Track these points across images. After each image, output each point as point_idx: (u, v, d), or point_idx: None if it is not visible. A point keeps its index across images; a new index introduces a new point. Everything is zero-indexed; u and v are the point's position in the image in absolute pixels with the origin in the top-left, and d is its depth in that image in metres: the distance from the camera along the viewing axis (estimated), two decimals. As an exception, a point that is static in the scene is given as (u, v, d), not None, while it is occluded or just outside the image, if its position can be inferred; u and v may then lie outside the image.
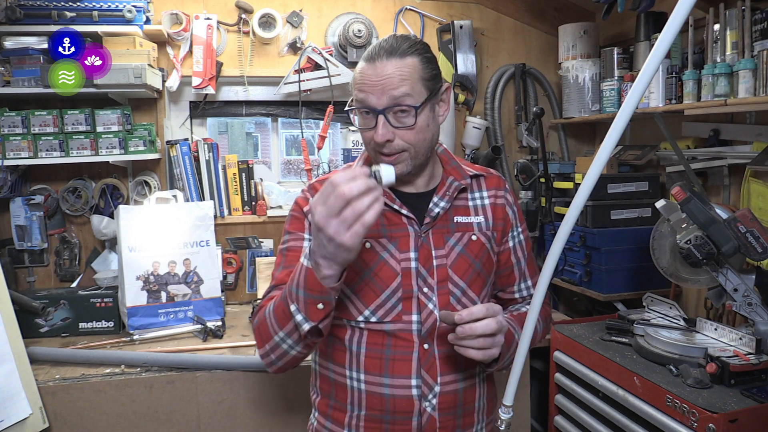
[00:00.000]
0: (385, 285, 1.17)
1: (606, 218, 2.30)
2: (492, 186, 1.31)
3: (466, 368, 1.23)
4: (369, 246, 1.19)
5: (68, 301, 2.18)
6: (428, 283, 1.19)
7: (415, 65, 1.13)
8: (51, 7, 2.20)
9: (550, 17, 2.82)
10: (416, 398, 1.17)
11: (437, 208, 1.22)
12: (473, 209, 1.28)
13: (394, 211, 1.21)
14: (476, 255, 1.24)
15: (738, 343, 1.64)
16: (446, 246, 1.22)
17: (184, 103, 2.64)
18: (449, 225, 1.24)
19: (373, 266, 1.18)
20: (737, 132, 2.03)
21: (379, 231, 1.20)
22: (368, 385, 1.19)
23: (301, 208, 1.25)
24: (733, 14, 1.78)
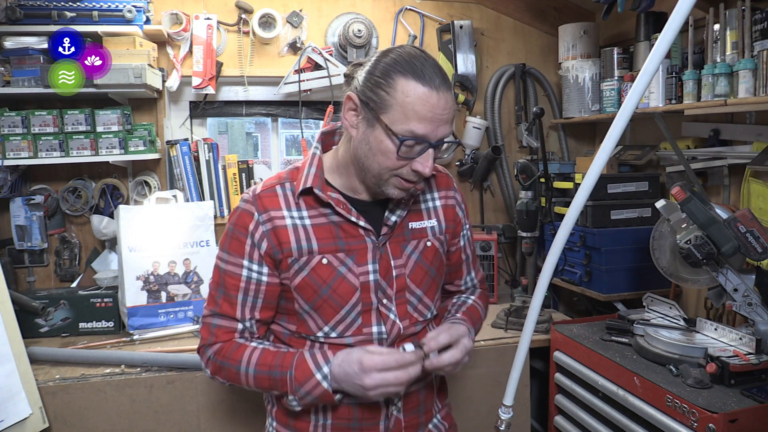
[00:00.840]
0: (344, 301, 1.15)
1: (606, 218, 2.30)
2: (442, 186, 1.30)
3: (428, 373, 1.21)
4: (326, 262, 1.14)
5: (68, 301, 2.18)
6: (387, 294, 1.18)
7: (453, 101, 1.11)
8: (51, 7, 2.20)
9: (550, 17, 2.82)
10: (382, 404, 1.19)
11: (394, 217, 1.19)
12: (426, 212, 1.26)
13: (351, 223, 1.16)
14: (431, 261, 1.24)
15: (738, 343, 1.64)
16: (403, 255, 1.20)
17: (184, 103, 2.64)
18: (405, 232, 1.21)
19: (331, 282, 1.14)
20: (737, 132, 2.03)
21: (335, 244, 1.15)
22: None
23: (246, 225, 1.15)
24: (733, 14, 1.78)
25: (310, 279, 1.14)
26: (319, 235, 1.15)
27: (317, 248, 1.14)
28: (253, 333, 1.19)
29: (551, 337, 2.08)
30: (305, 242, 1.14)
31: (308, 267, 1.14)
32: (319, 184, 1.15)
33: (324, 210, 1.16)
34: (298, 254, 1.14)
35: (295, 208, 1.16)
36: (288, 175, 1.20)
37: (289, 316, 1.19)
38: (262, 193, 1.17)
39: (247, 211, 1.16)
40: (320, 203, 1.16)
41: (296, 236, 1.14)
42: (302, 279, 1.14)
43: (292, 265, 1.14)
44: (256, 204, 1.15)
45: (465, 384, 2.05)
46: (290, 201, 1.16)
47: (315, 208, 1.16)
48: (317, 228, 1.15)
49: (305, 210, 1.16)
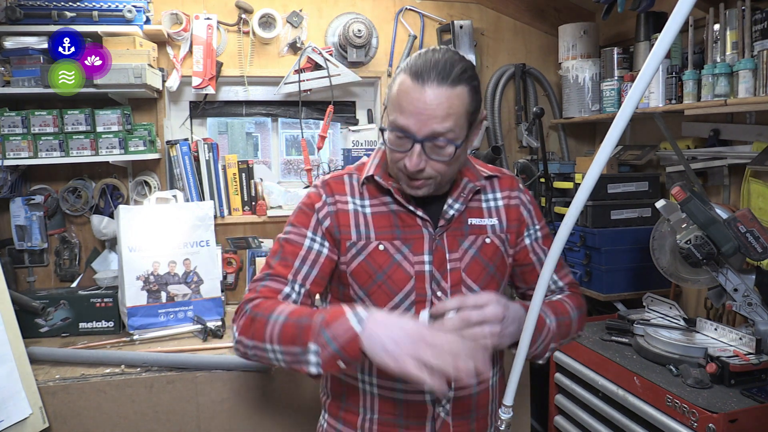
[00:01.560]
0: (398, 288, 1.15)
1: (606, 218, 2.30)
2: (505, 187, 1.28)
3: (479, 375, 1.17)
4: (383, 248, 1.16)
5: (68, 301, 2.18)
6: (442, 287, 1.16)
7: (464, 97, 1.07)
8: (51, 7, 2.20)
9: (550, 17, 2.82)
10: (429, 403, 1.16)
11: (452, 210, 1.19)
12: (487, 211, 1.25)
13: (409, 212, 1.18)
14: (490, 258, 1.21)
15: (738, 343, 1.65)
16: (460, 249, 1.19)
17: (184, 103, 2.64)
18: (463, 227, 1.21)
19: (386, 269, 1.15)
20: (737, 132, 2.03)
21: (393, 232, 1.17)
22: (381, 390, 1.17)
23: (313, 204, 1.20)
24: (733, 14, 1.78)
25: (366, 264, 1.15)
26: (378, 223, 1.18)
27: (375, 235, 1.17)
28: (297, 302, 1.13)
29: (551, 337, 2.08)
30: (364, 228, 1.17)
31: (365, 252, 1.16)
32: (380, 173, 1.19)
33: (384, 198, 1.19)
34: (357, 238, 1.16)
35: (358, 196, 1.20)
36: (355, 168, 1.26)
37: (346, 302, 1.19)
38: (330, 179, 1.23)
39: (316, 192, 1.22)
40: (381, 192, 1.19)
41: (356, 221, 1.18)
42: (358, 264, 1.16)
43: (350, 249, 1.16)
44: (325, 188, 1.21)
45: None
46: (355, 189, 1.21)
47: (376, 197, 1.20)
48: (377, 216, 1.18)
49: (368, 199, 1.20)
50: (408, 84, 1.05)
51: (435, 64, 1.05)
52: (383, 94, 2.70)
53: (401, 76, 1.08)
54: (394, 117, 1.08)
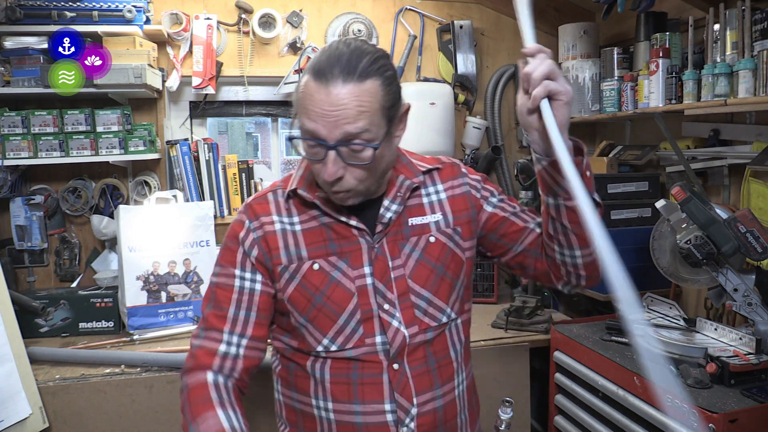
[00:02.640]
0: (341, 308, 1.05)
1: (606, 218, 2.30)
2: (447, 177, 1.18)
3: (444, 383, 1.11)
4: (317, 267, 1.06)
5: (68, 301, 2.18)
6: (388, 299, 1.07)
7: (376, 91, 0.96)
8: (51, 7, 2.20)
9: (550, 17, 2.82)
10: (392, 424, 1.05)
11: (389, 213, 1.09)
12: (429, 207, 1.14)
13: (342, 223, 1.08)
14: (437, 258, 1.11)
15: (738, 343, 1.65)
16: (402, 254, 1.09)
17: (184, 103, 2.64)
18: (403, 230, 1.11)
19: (324, 289, 1.06)
20: (737, 132, 2.03)
21: (326, 248, 1.07)
22: (338, 414, 1.07)
23: (236, 235, 1.10)
24: (733, 14, 1.78)
25: (302, 287, 1.06)
26: (309, 240, 1.08)
27: (307, 254, 1.07)
28: (236, 358, 1.06)
29: (551, 337, 2.08)
30: (294, 248, 1.07)
31: (299, 274, 1.07)
32: (304, 185, 1.09)
33: (312, 212, 1.09)
34: (288, 261, 1.07)
35: (285, 213, 1.10)
36: (281, 183, 1.15)
37: (291, 332, 1.11)
38: (253, 201, 1.13)
39: (238, 221, 1.12)
40: (308, 205, 1.09)
41: (285, 242, 1.08)
42: (294, 289, 1.07)
43: (282, 274, 1.07)
44: (247, 212, 1.11)
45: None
46: (281, 206, 1.11)
47: (304, 211, 1.10)
48: (307, 233, 1.08)
49: (296, 215, 1.10)
50: (311, 85, 0.95)
51: (338, 59, 0.95)
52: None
53: (305, 77, 0.98)
54: (302, 123, 0.98)
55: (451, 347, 1.13)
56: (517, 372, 2.10)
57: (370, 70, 0.96)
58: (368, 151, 0.97)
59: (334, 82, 0.94)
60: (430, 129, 2.57)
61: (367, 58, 0.97)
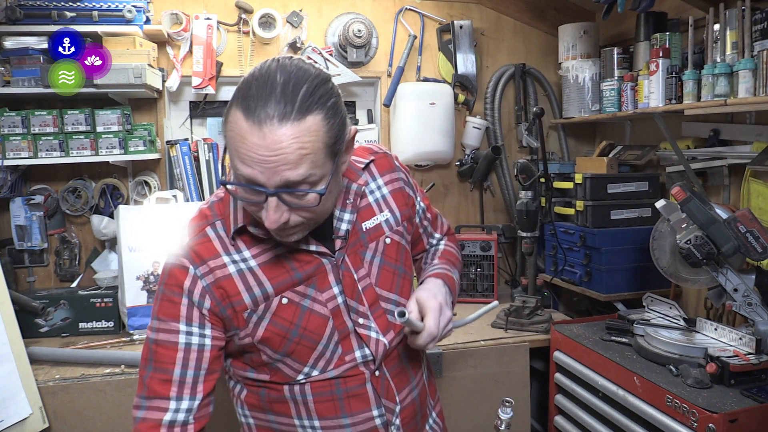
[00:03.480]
0: (319, 335, 1.01)
1: (606, 218, 2.30)
2: (384, 169, 1.15)
3: (416, 373, 1.16)
4: (286, 301, 0.99)
5: (68, 301, 2.18)
6: (360, 312, 1.05)
7: (318, 129, 0.85)
8: (51, 7, 2.20)
9: (550, 17, 2.82)
10: (381, 427, 1.07)
11: (344, 224, 1.04)
12: (376, 205, 1.11)
13: (301, 251, 1.01)
14: (395, 259, 1.11)
15: (738, 343, 1.65)
16: (365, 263, 1.06)
17: (184, 103, 2.64)
18: (360, 237, 1.07)
19: (298, 322, 1.00)
20: (737, 132, 2.03)
21: (291, 278, 1.00)
22: (327, 430, 1.05)
23: (180, 284, 0.97)
24: (733, 14, 1.78)
25: (273, 326, 0.99)
26: (271, 275, 1.00)
27: (273, 290, 0.99)
28: (185, 425, 0.97)
29: (551, 337, 2.08)
30: (257, 288, 0.99)
31: (269, 313, 0.99)
32: (251, 219, 0.98)
33: (267, 244, 1.00)
34: (254, 304, 0.98)
35: (234, 250, 0.99)
36: (215, 211, 1.02)
37: (258, 367, 1.04)
38: (193, 243, 0.99)
39: (179, 266, 0.97)
40: (260, 239, 1.01)
41: (245, 284, 0.98)
42: (265, 329, 0.99)
43: (250, 318, 0.99)
44: (190, 257, 0.98)
45: (464, 383, 2.05)
46: (227, 243, 0.99)
47: (256, 244, 1.00)
48: (266, 267, 1.00)
49: (246, 250, 1.00)
50: (242, 125, 0.83)
51: (271, 92, 0.83)
52: (383, 94, 2.70)
53: (233, 111, 0.86)
54: (237, 167, 0.87)
55: None
56: (517, 372, 2.10)
57: (310, 103, 0.85)
58: (311, 197, 0.89)
59: (269, 124, 0.82)
60: (430, 129, 2.57)
61: (305, 88, 0.85)
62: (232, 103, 0.88)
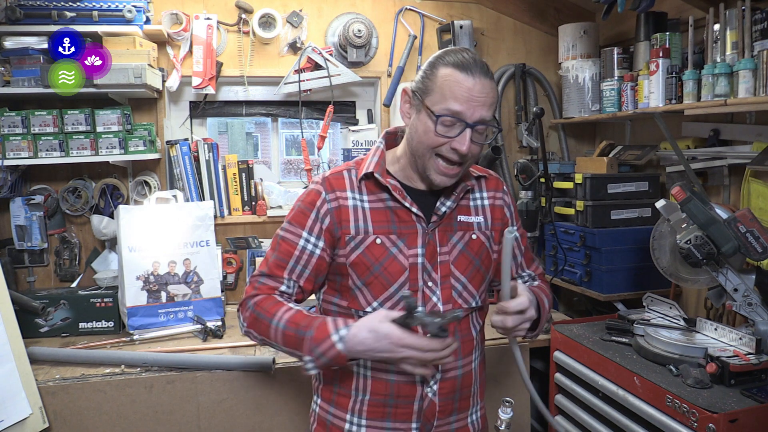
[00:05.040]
0: (394, 279, 1.23)
1: (606, 218, 2.30)
2: (491, 188, 1.38)
3: (465, 356, 1.30)
4: (380, 242, 1.24)
5: (68, 301, 2.18)
6: (432, 278, 1.25)
7: (495, 89, 1.20)
8: (51, 7, 2.20)
9: (550, 17, 2.82)
10: (419, 384, 1.24)
11: (444, 207, 1.27)
12: (474, 209, 1.34)
13: (405, 209, 1.25)
14: (476, 252, 1.31)
15: (738, 343, 1.64)
16: (449, 243, 1.28)
17: (184, 103, 2.64)
18: (453, 223, 1.29)
19: (383, 261, 1.23)
20: (737, 132, 2.03)
21: (389, 227, 1.25)
22: (375, 372, 1.24)
23: (313, 201, 1.26)
24: (733, 14, 1.78)
25: (364, 256, 1.23)
26: (375, 218, 1.25)
27: (372, 229, 1.24)
28: (291, 296, 1.26)
29: (551, 337, 2.08)
30: (362, 222, 1.24)
31: (363, 245, 1.23)
32: (379, 170, 1.26)
33: (382, 195, 1.26)
34: (355, 232, 1.23)
35: (357, 191, 1.27)
36: (354, 164, 1.32)
37: (343, 293, 1.27)
38: (330, 176, 1.29)
39: (316, 190, 1.27)
40: (379, 188, 1.26)
41: (355, 216, 1.24)
42: (357, 256, 1.23)
43: (348, 243, 1.23)
44: (325, 185, 1.27)
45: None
46: (354, 184, 1.27)
47: (374, 193, 1.27)
48: (374, 211, 1.25)
49: (366, 194, 1.26)
50: (458, 75, 1.15)
51: (474, 60, 1.16)
52: (383, 94, 2.70)
53: (444, 68, 1.16)
54: (446, 104, 1.15)
55: (472, 327, 1.33)
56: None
57: (490, 73, 1.18)
58: (487, 133, 1.21)
59: (480, 76, 1.15)
60: (430, 129, 2.57)
61: (487, 65, 1.18)
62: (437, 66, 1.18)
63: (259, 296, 1.24)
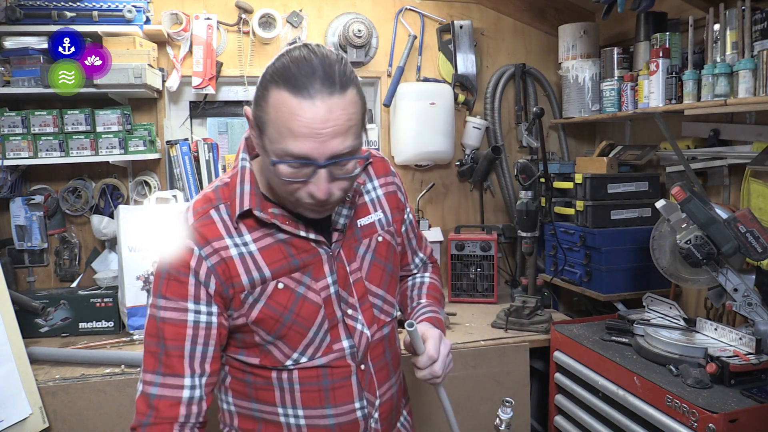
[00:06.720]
0: (310, 322, 1.05)
1: (606, 218, 2.30)
2: (381, 172, 1.21)
3: (396, 370, 1.21)
4: (282, 286, 1.03)
5: (68, 301, 2.18)
6: (350, 304, 1.10)
7: (356, 101, 0.93)
8: (51, 7, 2.20)
9: (550, 17, 2.82)
10: (362, 419, 1.11)
11: (342, 219, 1.10)
12: (371, 205, 1.17)
13: (300, 238, 1.05)
14: (385, 257, 1.16)
15: (738, 343, 1.65)
16: (357, 257, 1.12)
17: (184, 103, 2.64)
18: (355, 233, 1.13)
19: (292, 307, 1.04)
20: (737, 132, 2.03)
21: (289, 264, 1.04)
22: (309, 420, 1.08)
23: (186, 264, 0.99)
24: (733, 14, 1.78)
25: (268, 309, 1.03)
26: (269, 259, 1.03)
27: (270, 274, 1.03)
28: (201, 400, 1.02)
29: (551, 337, 2.08)
30: (256, 272, 1.02)
31: (264, 296, 1.03)
32: (257, 203, 1.02)
33: (268, 230, 1.04)
34: (251, 287, 1.02)
35: (236, 234, 1.02)
36: (219, 195, 1.05)
37: (249, 349, 1.07)
38: (197, 224, 1.02)
39: (186, 247, 1.00)
40: (262, 223, 1.04)
41: (245, 267, 1.02)
42: (260, 311, 1.03)
43: (246, 300, 1.02)
44: (195, 238, 1.00)
45: (465, 384, 2.05)
46: (229, 227, 1.02)
47: (258, 229, 1.04)
48: (265, 252, 1.03)
49: (247, 234, 1.03)
50: (292, 103, 0.88)
51: (314, 70, 0.89)
52: (383, 94, 2.69)
53: (275, 92, 0.90)
54: (283, 145, 0.90)
55: (396, 336, 1.23)
56: (517, 372, 2.10)
57: (347, 79, 0.91)
58: (352, 164, 0.96)
59: (323, 95, 0.88)
60: (430, 129, 2.57)
61: (338, 67, 0.91)
62: (268, 87, 0.91)
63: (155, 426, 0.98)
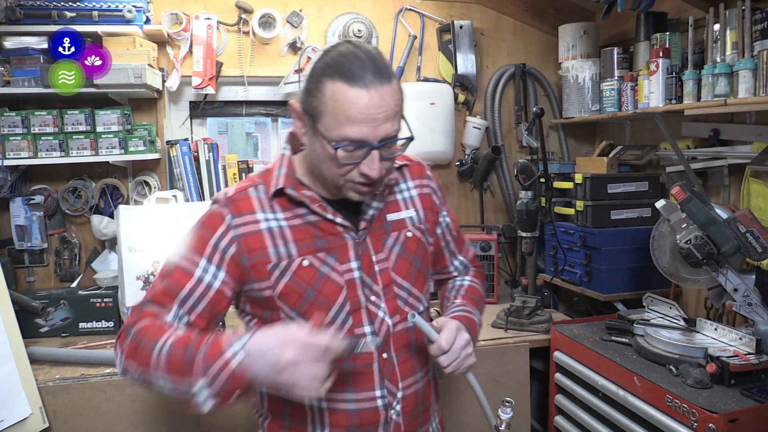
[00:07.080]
0: (331, 301, 1.10)
1: (606, 218, 2.30)
2: (416, 175, 1.26)
3: (422, 368, 1.21)
4: (307, 263, 1.09)
5: (68, 301, 2.18)
6: (374, 291, 1.14)
7: (399, 90, 1.03)
8: (51, 7, 2.20)
9: (550, 17, 2.82)
10: (382, 409, 1.13)
11: (371, 210, 1.15)
12: (403, 203, 1.22)
13: (328, 221, 1.12)
14: (414, 252, 1.20)
15: (738, 343, 1.65)
16: (385, 248, 1.16)
17: (184, 103, 2.64)
18: (384, 225, 1.18)
19: (315, 284, 1.09)
20: (737, 132, 2.03)
21: (315, 244, 1.10)
22: (331, 403, 1.11)
23: (214, 227, 1.09)
24: (733, 14, 1.78)
25: (293, 283, 1.08)
26: (297, 237, 1.10)
27: (296, 251, 1.09)
28: None
29: (551, 337, 2.08)
30: (283, 246, 1.09)
31: (289, 271, 1.09)
32: (291, 183, 1.11)
33: (299, 210, 1.12)
34: (277, 258, 1.08)
35: (269, 210, 1.11)
36: (260, 178, 1.15)
37: None
38: (235, 195, 1.11)
39: (218, 213, 1.10)
40: (295, 203, 1.11)
41: (273, 240, 1.09)
42: (285, 285, 1.09)
43: (272, 272, 1.08)
44: (229, 206, 1.10)
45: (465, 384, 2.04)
46: (264, 203, 1.11)
47: (289, 209, 1.11)
48: (294, 229, 1.10)
49: (280, 212, 1.11)
50: (349, 92, 0.97)
51: (363, 63, 0.99)
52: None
53: (330, 84, 0.99)
54: (342, 131, 0.99)
55: None
56: (517, 372, 2.10)
57: (389, 70, 1.02)
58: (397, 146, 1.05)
59: (375, 84, 0.98)
60: (430, 129, 2.57)
61: (382, 60, 1.02)
62: (322, 79, 1.00)
63: (143, 321, 1.04)
